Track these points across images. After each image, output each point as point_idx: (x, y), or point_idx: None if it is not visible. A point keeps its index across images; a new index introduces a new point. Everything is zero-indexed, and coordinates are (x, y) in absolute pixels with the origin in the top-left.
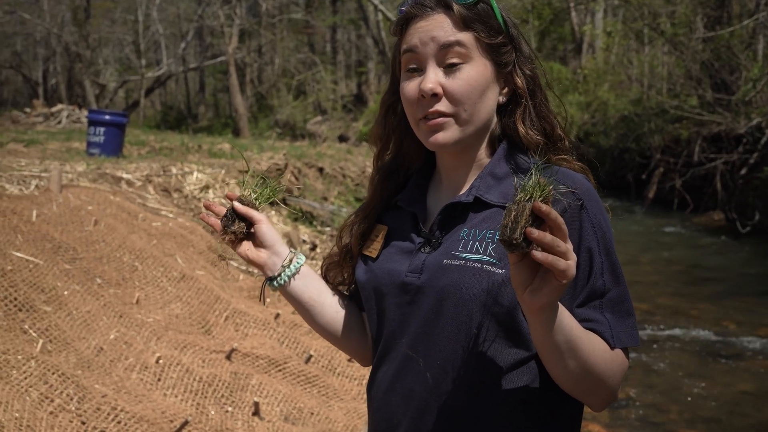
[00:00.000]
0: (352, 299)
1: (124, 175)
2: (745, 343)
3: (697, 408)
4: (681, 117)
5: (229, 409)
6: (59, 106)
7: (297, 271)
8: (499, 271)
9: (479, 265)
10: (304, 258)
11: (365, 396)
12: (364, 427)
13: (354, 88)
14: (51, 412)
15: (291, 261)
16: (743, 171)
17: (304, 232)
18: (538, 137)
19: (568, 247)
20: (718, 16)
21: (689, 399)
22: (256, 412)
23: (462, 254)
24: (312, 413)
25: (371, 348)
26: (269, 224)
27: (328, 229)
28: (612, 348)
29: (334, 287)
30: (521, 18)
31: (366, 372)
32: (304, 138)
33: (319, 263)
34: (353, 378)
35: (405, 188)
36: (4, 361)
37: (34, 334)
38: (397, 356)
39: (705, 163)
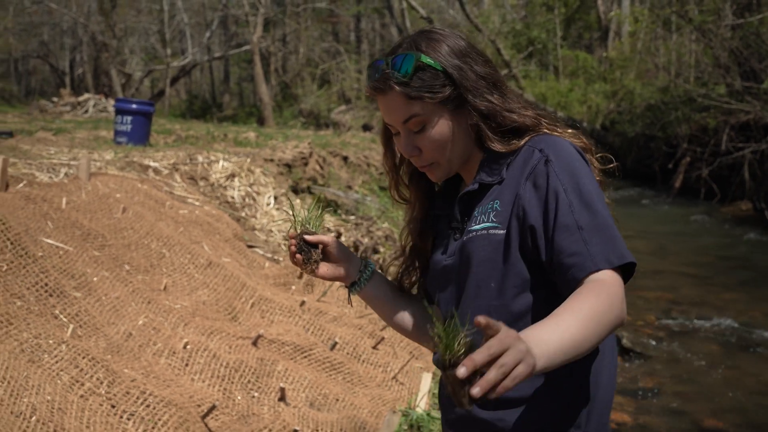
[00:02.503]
0: (420, 297)
1: (151, 164)
2: None
3: (723, 398)
4: (708, 106)
5: (256, 394)
6: (86, 96)
7: (372, 276)
8: (499, 231)
9: (485, 232)
10: (373, 264)
11: (390, 383)
12: (389, 414)
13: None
14: (81, 396)
15: (365, 266)
16: None
17: (329, 221)
18: (511, 142)
19: (511, 351)
20: (747, 3)
21: (715, 389)
22: (282, 398)
23: (473, 228)
24: (337, 399)
25: None
26: (338, 241)
27: (352, 217)
28: (595, 272)
29: (409, 291)
30: (547, 4)
31: (390, 360)
32: (328, 127)
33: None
34: (378, 365)
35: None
36: (35, 345)
37: (64, 319)
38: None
39: (733, 152)
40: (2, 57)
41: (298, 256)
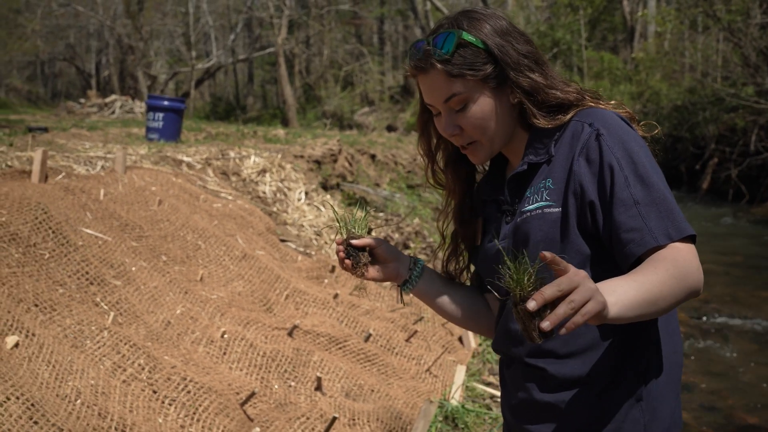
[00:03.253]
0: (473, 287)
1: (185, 159)
2: None
3: (757, 395)
4: (737, 106)
5: (292, 383)
6: (113, 97)
7: (422, 272)
8: (555, 209)
9: (539, 211)
10: (422, 260)
11: (423, 375)
12: (425, 404)
13: (401, 79)
14: (124, 381)
15: (415, 264)
16: None
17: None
18: (556, 117)
19: (580, 289)
20: None
21: (748, 385)
22: (319, 387)
23: (527, 208)
24: (372, 390)
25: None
26: (384, 242)
27: (381, 214)
28: (655, 247)
29: (457, 277)
30: (571, 5)
31: (423, 353)
32: (351, 128)
33: None
34: (411, 358)
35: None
36: (78, 331)
37: (105, 307)
38: (508, 308)
39: (762, 152)
40: (29, 60)
41: (347, 261)
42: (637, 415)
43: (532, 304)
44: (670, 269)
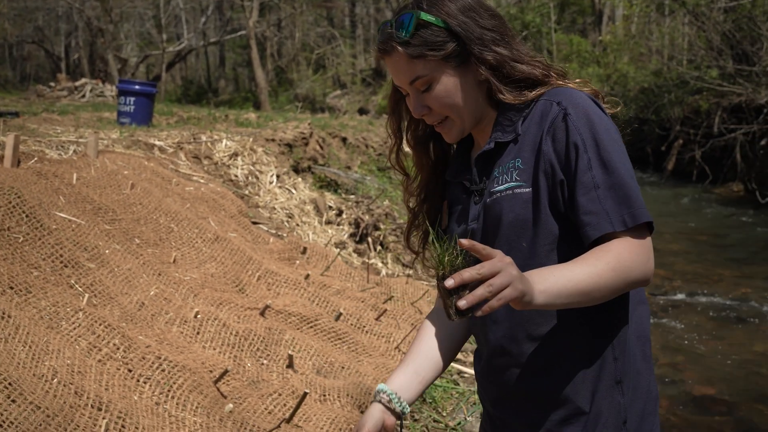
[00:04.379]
0: (434, 320)
1: (156, 142)
2: (762, 307)
3: (714, 368)
4: (701, 88)
5: (265, 361)
6: (83, 80)
7: (401, 401)
8: (525, 190)
9: (510, 192)
10: (385, 389)
11: (393, 353)
12: None
13: (373, 62)
14: (99, 360)
15: (392, 400)
16: (763, 142)
17: (330, 199)
18: (522, 93)
19: (501, 274)
20: None
21: (707, 359)
22: (290, 365)
23: (497, 188)
24: (343, 367)
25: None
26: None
27: (352, 196)
28: (610, 232)
29: (419, 251)
30: None
31: (393, 330)
32: (323, 111)
33: (345, 228)
34: (381, 336)
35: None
36: (53, 312)
37: (80, 289)
38: None
39: (725, 134)
40: None
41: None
42: (618, 398)
43: (449, 282)
44: (611, 262)
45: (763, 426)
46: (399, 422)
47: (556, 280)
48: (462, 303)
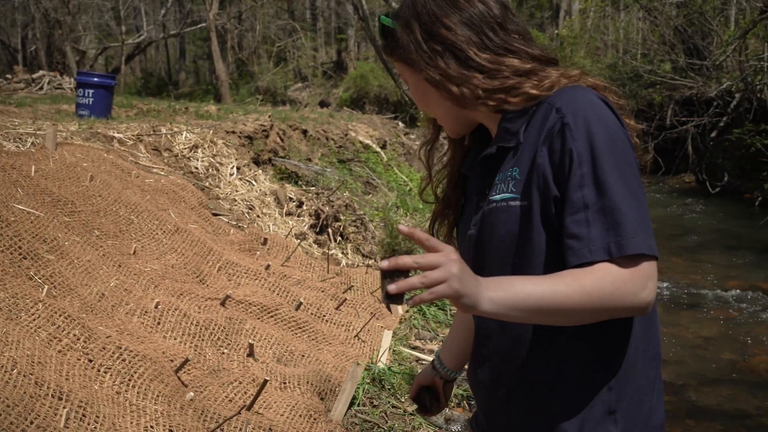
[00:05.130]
0: None
1: (116, 135)
2: (712, 294)
3: (664, 352)
4: (654, 82)
5: (225, 350)
6: (40, 73)
7: (442, 362)
8: (518, 203)
9: (504, 204)
10: (437, 357)
11: (352, 341)
12: (353, 366)
13: (334, 54)
14: (60, 351)
15: (441, 368)
16: (713, 134)
17: (291, 190)
18: (501, 98)
19: (440, 269)
20: None
21: None
22: (251, 354)
23: (493, 197)
24: (303, 355)
25: None
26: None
27: (313, 188)
28: (590, 262)
29: (441, 237)
30: None
31: (353, 319)
32: (285, 104)
33: (306, 219)
34: (341, 324)
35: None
36: (12, 304)
37: (39, 280)
38: None
39: (677, 126)
40: None
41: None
42: (610, 428)
43: (384, 264)
44: (587, 286)
45: (707, 406)
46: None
47: (514, 292)
48: (392, 287)
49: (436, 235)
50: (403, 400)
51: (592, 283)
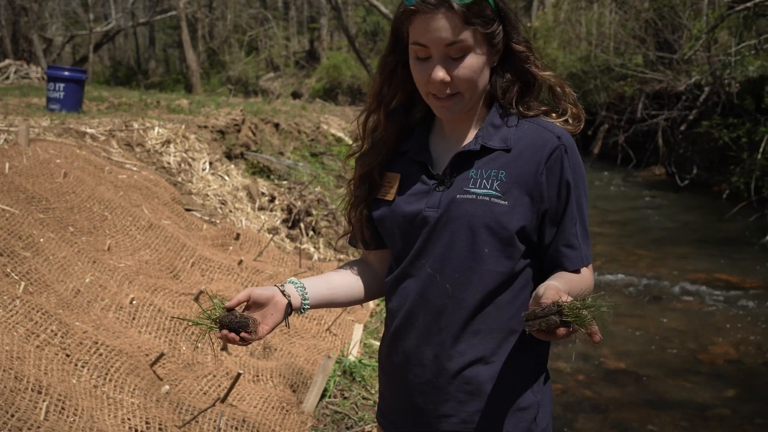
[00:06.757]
0: (353, 263)
1: (88, 130)
2: (676, 286)
3: (628, 343)
4: (626, 75)
5: (199, 345)
6: (6, 62)
7: (305, 291)
8: (503, 202)
9: (487, 198)
10: (294, 279)
11: (324, 334)
12: (324, 359)
13: (306, 44)
14: (38, 346)
15: (296, 288)
16: (683, 127)
17: (263, 185)
18: (522, 101)
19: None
20: None
21: (621, 336)
22: (224, 348)
23: (472, 190)
24: (276, 349)
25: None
26: (252, 290)
27: (285, 182)
28: (579, 268)
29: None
30: None
31: (324, 313)
32: (257, 94)
33: (278, 214)
34: (312, 318)
35: (409, 138)
36: None
37: (16, 277)
38: (420, 274)
39: (647, 119)
40: None
41: (234, 336)
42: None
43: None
44: (591, 285)
45: (668, 395)
46: (286, 318)
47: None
48: (562, 331)
49: (347, 207)
50: (373, 392)
51: (591, 283)
